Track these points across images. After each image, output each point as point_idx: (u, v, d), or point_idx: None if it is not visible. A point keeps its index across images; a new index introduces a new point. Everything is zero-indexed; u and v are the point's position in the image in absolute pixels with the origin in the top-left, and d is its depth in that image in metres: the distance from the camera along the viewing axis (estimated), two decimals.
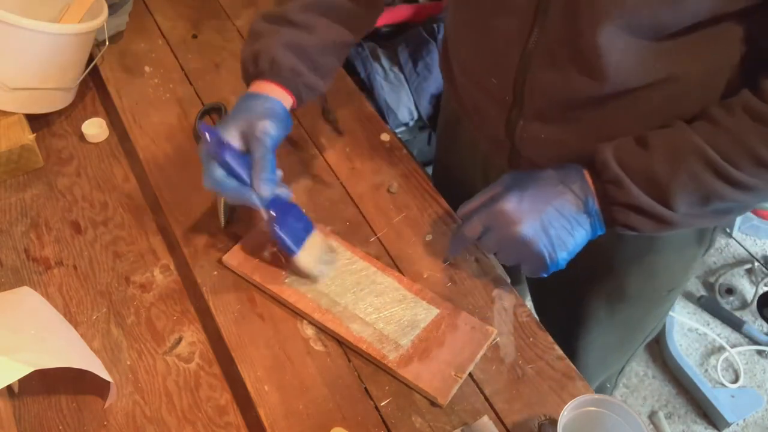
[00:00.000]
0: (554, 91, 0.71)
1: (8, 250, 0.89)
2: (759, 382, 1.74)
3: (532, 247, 0.69)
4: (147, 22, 1.19)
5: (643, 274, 0.87)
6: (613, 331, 0.97)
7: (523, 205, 0.69)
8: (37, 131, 1.00)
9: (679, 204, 0.66)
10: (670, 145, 0.65)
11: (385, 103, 1.64)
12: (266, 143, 0.73)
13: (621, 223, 0.69)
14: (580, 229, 0.69)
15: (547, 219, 0.68)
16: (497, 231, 0.71)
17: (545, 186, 0.70)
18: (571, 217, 0.69)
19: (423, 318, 0.77)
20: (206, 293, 0.81)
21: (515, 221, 0.68)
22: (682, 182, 0.64)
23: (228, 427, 0.74)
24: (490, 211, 0.71)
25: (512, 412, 0.71)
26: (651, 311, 0.96)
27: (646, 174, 0.66)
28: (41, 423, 0.73)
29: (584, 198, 0.69)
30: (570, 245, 0.70)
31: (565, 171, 0.70)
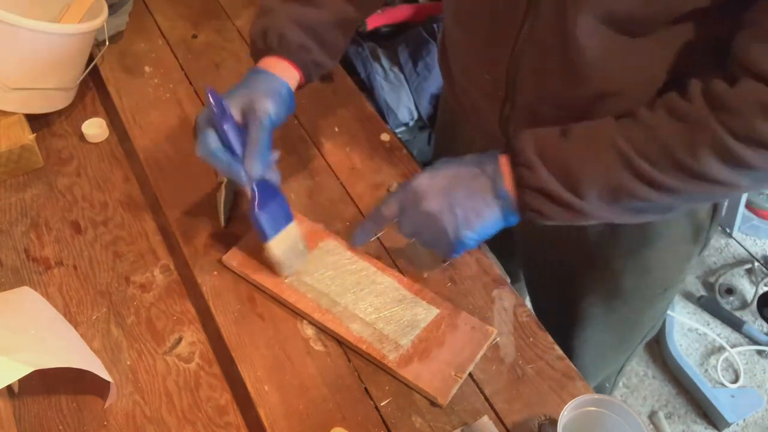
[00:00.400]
0: (542, 89, 0.72)
1: (8, 250, 0.89)
2: (759, 382, 1.74)
3: (438, 222, 0.69)
4: (147, 22, 1.19)
5: (638, 269, 0.87)
6: (609, 329, 0.98)
7: (433, 182, 0.70)
8: (37, 131, 1.00)
9: (589, 194, 0.65)
10: (590, 135, 0.65)
11: (385, 103, 1.64)
12: (264, 122, 0.73)
13: (532, 207, 0.68)
14: (489, 211, 0.69)
15: (455, 196, 0.69)
16: (409, 209, 0.71)
17: (458, 167, 0.71)
18: (480, 197, 0.69)
19: (423, 318, 0.77)
20: (206, 293, 0.81)
21: (423, 196, 0.69)
22: (592, 172, 0.64)
23: (228, 427, 0.74)
24: (403, 190, 0.72)
25: (512, 412, 0.71)
26: (647, 309, 0.97)
27: (559, 161, 0.65)
28: (41, 423, 0.73)
29: (494, 179, 0.69)
30: (477, 226, 0.69)
31: (483, 155, 0.71)
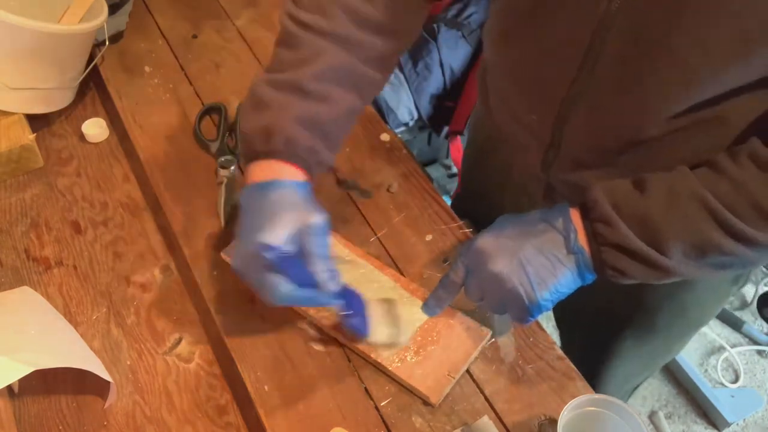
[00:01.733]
0: (593, 138, 0.69)
1: (8, 250, 0.89)
2: (759, 382, 1.74)
3: (508, 284, 0.63)
4: (147, 22, 1.19)
5: (674, 309, 0.85)
6: (637, 360, 0.96)
7: (500, 241, 0.65)
8: (37, 131, 0.99)
9: (674, 251, 0.61)
10: (669, 188, 0.61)
11: (385, 103, 1.64)
12: (320, 237, 0.66)
13: (610, 265, 0.63)
14: (564, 269, 0.64)
15: (525, 256, 0.63)
16: (476, 271, 0.67)
17: (525, 224, 0.66)
18: (552, 255, 0.64)
19: (419, 317, 0.77)
20: (206, 293, 0.81)
21: (489, 257, 0.64)
22: (678, 227, 0.60)
23: (228, 427, 0.74)
24: (468, 251, 0.67)
25: (512, 412, 0.71)
26: (677, 343, 0.95)
27: (640, 215, 0.61)
28: (41, 423, 0.73)
29: (567, 234, 0.64)
30: (551, 285, 0.64)
31: (550, 210, 0.67)
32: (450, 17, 1.65)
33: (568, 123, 0.70)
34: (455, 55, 1.65)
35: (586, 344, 0.98)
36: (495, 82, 0.82)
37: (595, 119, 0.67)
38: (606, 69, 0.63)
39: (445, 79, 1.66)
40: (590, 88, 0.65)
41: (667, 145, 0.65)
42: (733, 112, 0.61)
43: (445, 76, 1.66)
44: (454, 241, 0.86)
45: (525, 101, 0.76)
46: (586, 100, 0.67)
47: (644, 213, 0.61)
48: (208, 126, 1.01)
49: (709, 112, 0.62)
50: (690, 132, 0.64)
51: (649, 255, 0.61)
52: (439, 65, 1.64)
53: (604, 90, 0.64)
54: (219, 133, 0.98)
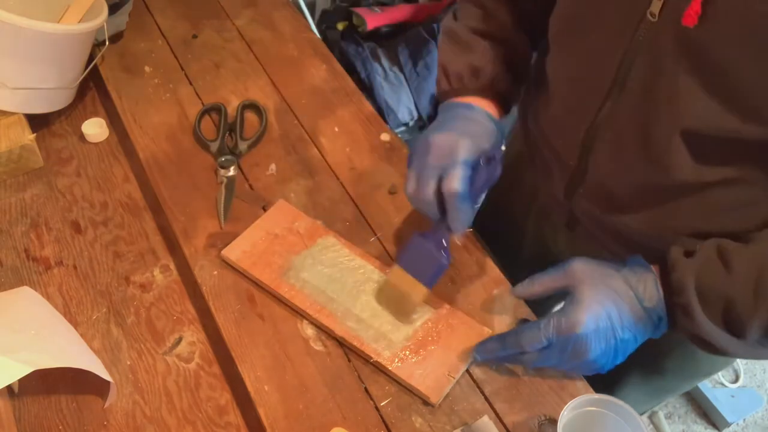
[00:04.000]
0: (616, 171, 0.69)
1: (8, 250, 0.89)
2: (759, 382, 1.74)
3: (597, 366, 0.66)
4: (147, 22, 1.19)
5: (686, 357, 0.85)
6: (641, 394, 0.95)
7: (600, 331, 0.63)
8: (37, 131, 0.99)
9: (750, 336, 0.61)
10: (755, 271, 0.59)
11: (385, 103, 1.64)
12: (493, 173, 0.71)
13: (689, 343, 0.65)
14: (643, 339, 0.66)
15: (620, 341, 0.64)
16: (565, 352, 0.65)
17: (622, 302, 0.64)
18: (640, 334, 0.65)
19: (419, 317, 0.77)
20: (206, 293, 0.81)
21: (589, 349, 0.64)
22: (762, 317, 0.59)
23: (228, 427, 0.74)
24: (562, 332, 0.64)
25: (512, 412, 0.71)
26: (684, 385, 0.95)
27: (725, 299, 0.60)
28: (41, 423, 0.73)
29: (657, 323, 0.65)
30: (629, 352, 0.66)
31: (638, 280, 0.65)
32: None
33: (593, 151, 0.70)
34: None
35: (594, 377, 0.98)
36: (532, 101, 0.82)
37: (620, 151, 0.66)
38: (630, 100, 0.63)
39: None
40: (616, 117, 0.65)
41: (696, 199, 0.64)
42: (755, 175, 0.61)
43: None
44: (454, 241, 0.86)
45: (554, 123, 0.76)
46: (611, 130, 0.66)
47: (729, 297, 0.60)
48: (208, 126, 1.01)
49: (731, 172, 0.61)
50: (714, 189, 0.63)
51: (723, 344, 0.62)
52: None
53: (629, 121, 0.64)
54: (219, 133, 0.98)
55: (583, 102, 0.68)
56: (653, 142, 0.62)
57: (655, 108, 0.61)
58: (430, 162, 0.68)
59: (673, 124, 0.60)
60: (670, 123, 0.60)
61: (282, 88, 1.07)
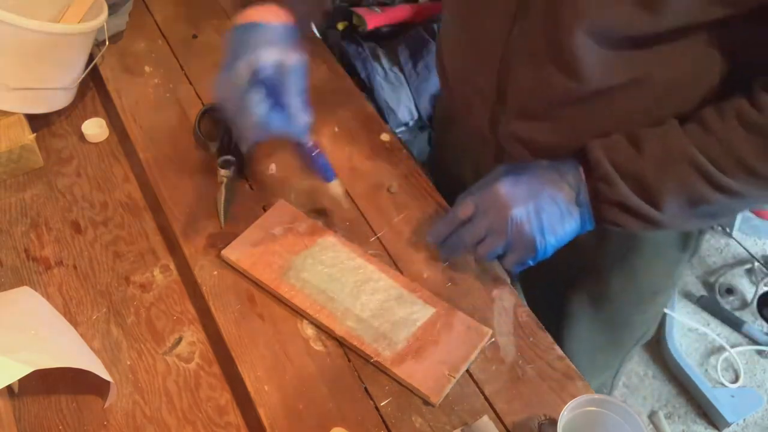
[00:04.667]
0: (534, 89, 0.72)
1: (8, 250, 0.89)
2: (759, 382, 1.74)
3: (524, 229, 0.70)
4: (147, 22, 1.19)
5: (625, 274, 0.88)
6: (598, 329, 0.98)
7: (518, 189, 0.70)
8: (37, 131, 0.99)
9: (667, 206, 0.67)
10: (662, 148, 0.66)
11: (385, 103, 1.64)
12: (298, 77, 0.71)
13: (609, 220, 0.70)
14: (570, 220, 0.71)
15: (540, 204, 0.70)
16: (490, 213, 0.71)
17: (541, 173, 0.71)
18: (564, 206, 0.70)
19: (419, 317, 0.77)
20: (206, 293, 0.81)
21: (509, 203, 0.70)
22: (671, 186, 0.66)
23: (228, 427, 0.74)
24: (484, 193, 0.72)
25: (512, 412, 0.71)
26: (635, 313, 0.97)
27: (637, 176, 0.67)
28: (41, 423, 0.73)
29: (577, 190, 0.70)
30: (559, 233, 0.71)
31: (560, 163, 0.72)
32: None
33: (509, 78, 0.73)
34: None
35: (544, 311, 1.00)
36: (447, 52, 0.85)
37: (534, 69, 0.70)
38: (536, 18, 0.66)
39: None
40: (526, 36, 0.69)
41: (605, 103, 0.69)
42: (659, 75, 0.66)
43: None
44: None
45: (471, 63, 0.78)
46: (523, 50, 0.70)
47: (641, 172, 0.67)
48: (208, 126, 1.01)
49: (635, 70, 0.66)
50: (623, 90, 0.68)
51: (645, 211, 0.68)
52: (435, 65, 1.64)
53: (539, 36, 0.67)
54: (219, 133, 0.98)
55: (493, 31, 0.72)
56: (562, 48, 0.66)
57: (560, 13, 0.64)
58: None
59: (577, 24, 0.63)
60: (574, 24, 0.63)
61: None
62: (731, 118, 0.63)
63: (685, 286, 1.91)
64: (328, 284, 0.80)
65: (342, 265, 0.82)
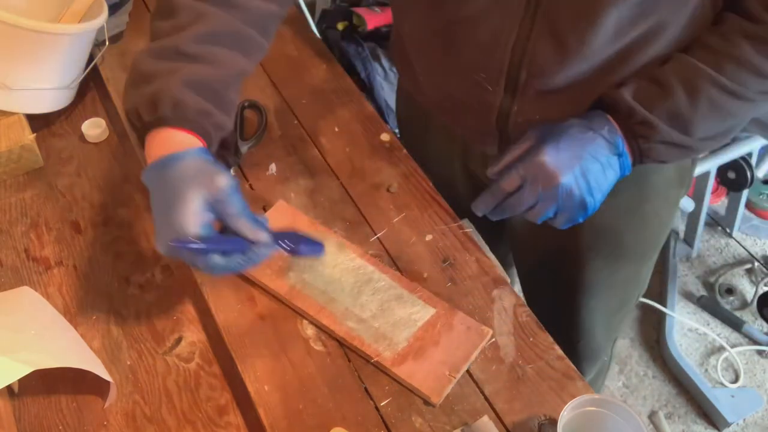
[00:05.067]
0: (551, 69, 0.73)
1: (8, 250, 0.89)
2: (759, 382, 1.74)
3: (573, 194, 0.71)
4: (147, 22, 1.18)
5: (637, 224, 0.90)
6: (613, 291, 0.99)
7: (561, 156, 0.70)
8: (37, 131, 0.99)
9: (702, 130, 0.71)
10: (683, 78, 0.70)
11: (385, 103, 1.64)
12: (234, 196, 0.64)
13: (651, 158, 0.73)
14: (611, 172, 0.72)
15: (585, 165, 0.71)
16: (537, 184, 0.71)
17: (577, 134, 0.72)
18: (605, 159, 0.71)
19: (419, 317, 0.77)
20: (206, 293, 0.81)
21: (557, 173, 0.70)
22: (702, 110, 0.70)
23: (228, 427, 0.74)
24: (529, 165, 0.71)
25: (512, 412, 0.71)
26: (644, 265, 0.99)
27: (670, 110, 0.70)
28: (41, 423, 0.73)
29: (614, 141, 0.71)
30: (604, 187, 0.72)
31: (590, 118, 0.73)
32: None
33: (525, 65, 0.74)
34: None
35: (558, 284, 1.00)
36: (420, 56, 0.85)
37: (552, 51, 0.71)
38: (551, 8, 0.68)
39: None
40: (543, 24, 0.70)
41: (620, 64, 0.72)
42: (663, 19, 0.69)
43: None
44: (454, 241, 0.86)
45: (468, 63, 0.78)
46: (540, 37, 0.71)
47: (674, 107, 0.70)
48: None
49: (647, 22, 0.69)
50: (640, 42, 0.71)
51: (686, 142, 0.71)
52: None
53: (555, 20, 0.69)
54: None
55: (501, 29, 0.72)
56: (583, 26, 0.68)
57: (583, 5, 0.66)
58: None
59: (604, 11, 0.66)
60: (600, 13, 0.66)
61: (282, 88, 1.07)
62: (735, 36, 0.68)
63: (685, 286, 1.91)
64: (328, 285, 0.80)
65: (342, 266, 0.82)
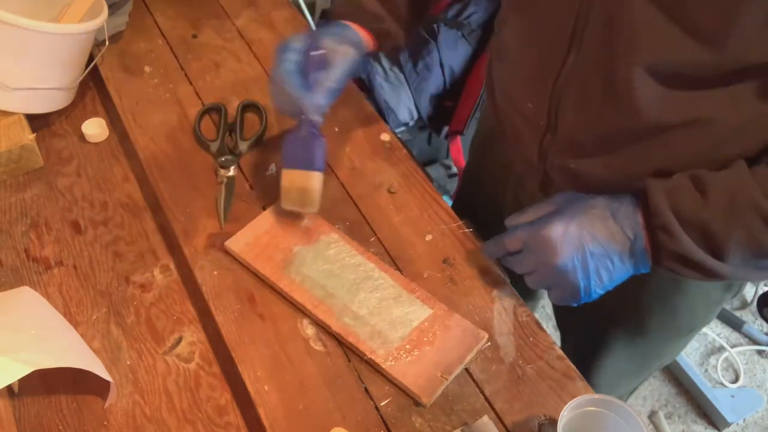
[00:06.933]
0: (585, 123, 0.70)
1: (8, 250, 0.89)
2: (759, 382, 1.74)
3: (568, 278, 0.67)
4: (147, 22, 1.19)
5: (666, 313, 0.86)
6: (628, 360, 0.97)
7: (568, 236, 0.66)
8: (37, 131, 0.99)
9: (732, 258, 0.63)
10: (729, 195, 0.61)
11: (385, 103, 1.64)
12: (345, 64, 0.78)
13: (668, 269, 0.66)
14: (621, 269, 0.67)
15: (590, 254, 0.66)
16: (536, 255, 0.69)
17: (595, 218, 0.67)
18: (615, 255, 0.67)
19: (416, 317, 0.77)
20: (206, 293, 0.81)
21: (556, 251, 0.66)
22: (737, 238, 0.62)
23: (228, 427, 0.74)
24: (534, 234, 0.69)
25: (512, 412, 0.71)
26: (669, 347, 0.96)
27: (701, 226, 0.62)
28: (41, 423, 0.73)
29: (633, 239, 0.66)
30: (607, 282, 0.68)
31: (619, 205, 0.67)
32: (450, 17, 1.65)
33: (561, 106, 0.71)
34: (455, 55, 1.65)
35: (580, 341, 0.99)
36: (498, 73, 0.84)
37: (587, 102, 0.68)
38: (591, 51, 0.64)
39: (445, 79, 1.66)
40: (579, 68, 0.67)
41: (661, 142, 0.66)
42: (718, 116, 0.62)
43: (445, 76, 1.66)
44: (454, 241, 0.86)
45: (521, 88, 0.77)
46: (576, 82, 0.68)
47: (705, 222, 0.62)
48: (208, 126, 1.01)
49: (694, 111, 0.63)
50: (680, 130, 0.64)
51: (708, 264, 0.63)
52: (439, 65, 1.64)
53: (593, 69, 0.65)
54: (219, 133, 0.98)
55: (546, 61, 0.70)
56: (618, 84, 0.63)
57: (616, 48, 0.62)
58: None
59: (634, 61, 0.61)
60: (631, 61, 0.61)
61: None
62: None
63: None
64: (327, 280, 0.80)
65: (343, 262, 0.82)
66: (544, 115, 0.74)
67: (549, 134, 0.75)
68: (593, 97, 0.67)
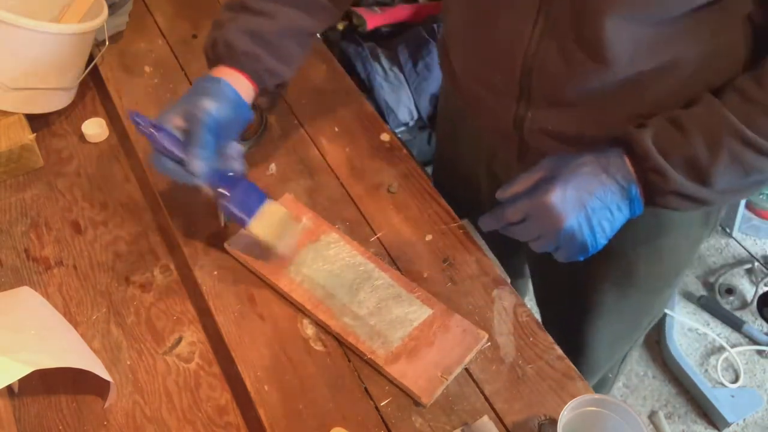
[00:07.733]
0: (561, 80, 0.72)
1: (8, 250, 0.89)
2: (759, 382, 1.74)
3: (575, 237, 0.69)
4: (147, 22, 1.19)
5: (652, 257, 0.88)
6: (621, 316, 0.98)
7: (568, 199, 0.68)
8: (37, 131, 0.99)
9: (720, 183, 0.67)
10: (706, 126, 0.66)
11: (385, 103, 1.64)
12: (203, 120, 0.73)
13: (661, 205, 0.70)
14: (620, 215, 0.70)
15: (591, 209, 0.69)
16: (540, 222, 0.70)
17: (589, 175, 0.69)
18: (614, 205, 0.70)
19: (415, 317, 0.77)
20: (206, 293, 0.81)
21: (560, 216, 0.68)
22: (722, 163, 0.65)
23: (228, 427, 0.74)
24: (534, 203, 0.70)
25: (512, 412, 0.71)
26: (657, 296, 0.98)
27: (687, 159, 0.66)
28: (41, 423, 0.73)
29: (627, 186, 0.69)
30: (608, 231, 0.71)
31: (607, 158, 0.70)
32: None
33: (534, 73, 0.72)
34: None
35: (566, 301, 0.99)
36: (456, 52, 0.85)
37: (561, 63, 0.70)
38: (560, 11, 0.66)
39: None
40: (550, 34, 0.69)
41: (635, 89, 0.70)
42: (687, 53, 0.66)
43: None
44: (454, 241, 0.86)
45: (489, 62, 0.78)
46: (547, 46, 0.69)
47: (691, 155, 0.66)
48: None
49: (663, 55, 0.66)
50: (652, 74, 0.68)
51: (700, 194, 0.68)
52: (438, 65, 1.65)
53: (563, 31, 0.68)
54: None
55: (512, 30, 0.71)
56: (591, 39, 0.66)
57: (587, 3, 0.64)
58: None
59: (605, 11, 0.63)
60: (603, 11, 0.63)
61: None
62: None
63: (685, 286, 1.91)
64: (327, 280, 0.80)
65: (343, 262, 0.82)
66: (516, 84, 0.75)
67: (523, 101, 0.76)
68: (567, 56, 0.69)
